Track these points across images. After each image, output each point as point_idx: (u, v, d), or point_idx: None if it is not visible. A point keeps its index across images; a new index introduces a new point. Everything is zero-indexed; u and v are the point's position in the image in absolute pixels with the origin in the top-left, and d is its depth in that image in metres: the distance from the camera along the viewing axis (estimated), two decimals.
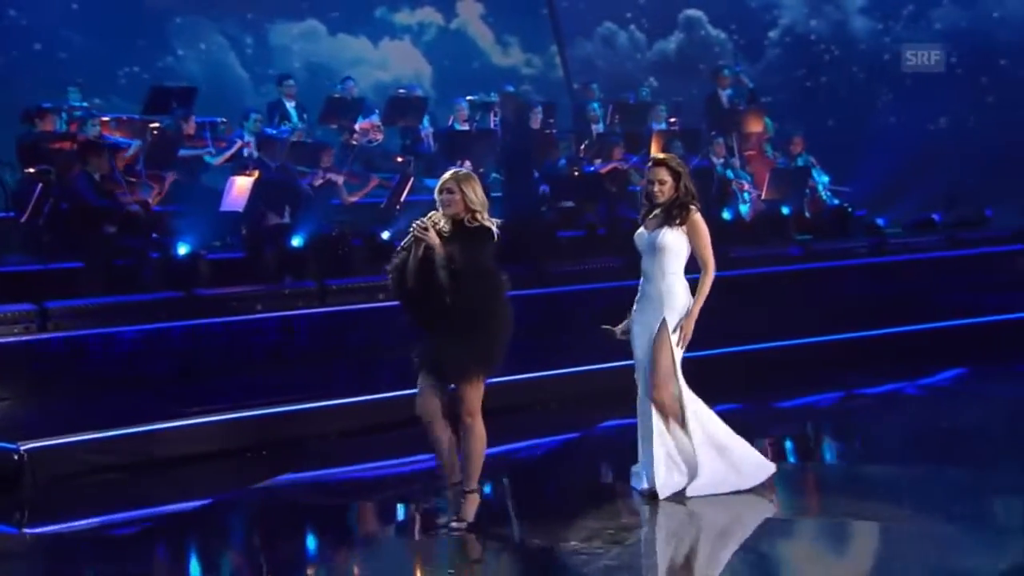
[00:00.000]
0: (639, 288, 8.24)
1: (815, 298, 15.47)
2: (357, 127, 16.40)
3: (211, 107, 16.30)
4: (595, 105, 17.20)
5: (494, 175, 15.56)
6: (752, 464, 8.43)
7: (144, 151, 14.69)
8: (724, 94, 18.11)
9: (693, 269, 8.16)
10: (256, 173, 13.96)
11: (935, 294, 16.04)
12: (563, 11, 22.11)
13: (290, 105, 16.39)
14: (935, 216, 18.64)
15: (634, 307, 8.27)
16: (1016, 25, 22.23)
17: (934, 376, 12.87)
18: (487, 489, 8.36)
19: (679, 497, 8.21)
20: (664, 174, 8.05)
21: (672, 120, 17.70)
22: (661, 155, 8.60)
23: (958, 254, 17.70)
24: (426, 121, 16.96)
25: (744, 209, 15.92)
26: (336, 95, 16.83)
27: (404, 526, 8.79)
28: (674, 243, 8.03)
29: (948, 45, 21.65)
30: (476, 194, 7.45)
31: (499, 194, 14.38)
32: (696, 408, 8.24)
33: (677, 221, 8.00)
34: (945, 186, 19.28)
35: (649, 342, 8.11)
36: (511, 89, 17.94)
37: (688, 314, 8.04)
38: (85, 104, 15.64)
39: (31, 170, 13.91)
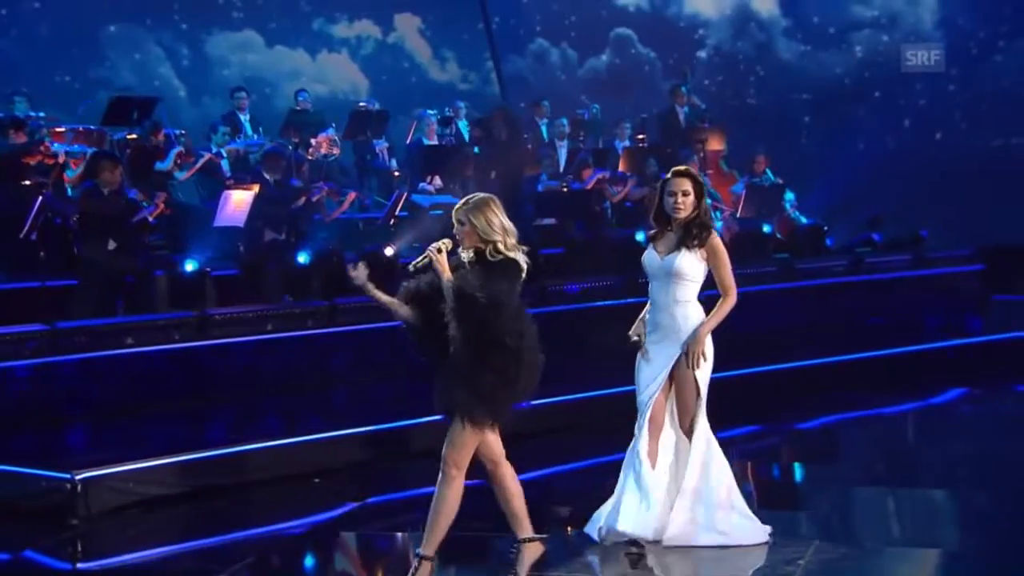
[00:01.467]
0: (648, 316, 7.55)
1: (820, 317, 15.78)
2: (313, 141, 16.12)
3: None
4: (563, 121, 17.12)
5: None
6: (743, 529, 7.69)
7: (124, 165, 14.12)
8: (681, 111, 18.22)
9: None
10: (256, 187, 13.83)
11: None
12: (497, 28, 22.07)
13: (244, 117, 16.38)
14: (875, 236, 18.81)
15: (646, 336, 7.50)
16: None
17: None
18: None
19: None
20: (688, 185, 7.33)
21: (640, 137, 17.81)
22: (682, 167, 7.76)
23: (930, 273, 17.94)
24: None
25: (719, 227, 15.88)
26: (297, 108, 16.72)
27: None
28: (691, 269, 7.33)
29: (868, 68, 22.29)
30: (491, 222, 6.75)
31: None
32: (710, 455, 7.62)
33: (696, 243, 7.29)
34: (876, 208, 19.37)
35: (661, 377, 7.42)
36: (502, 105, 17.97)
37: (696, 336, 7.37)
38: (32, 114, 14.98)
39: (27, 182, 13.51)
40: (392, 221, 14.71)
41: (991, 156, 21.61)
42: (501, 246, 6.70)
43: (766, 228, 16.40)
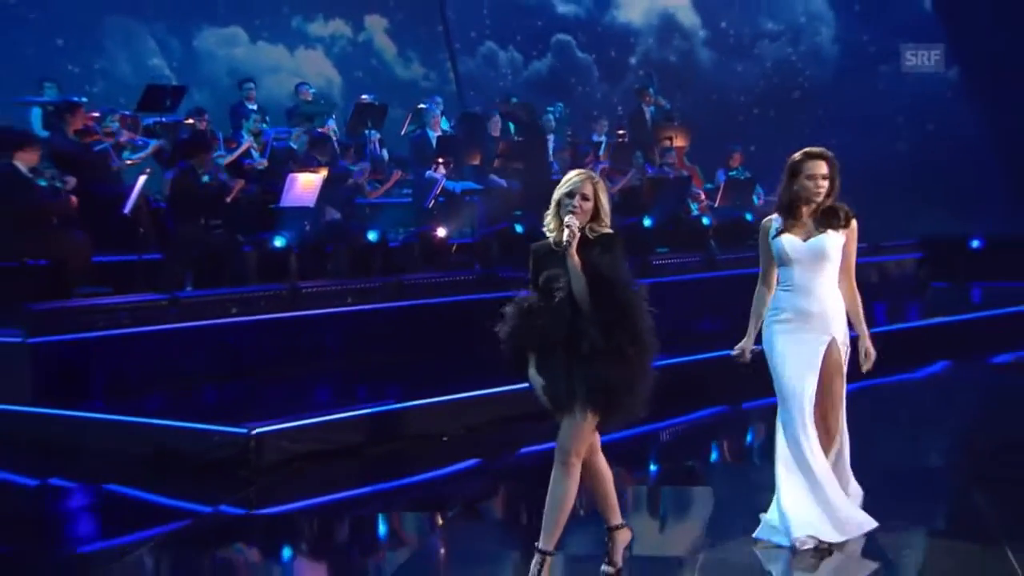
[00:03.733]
0: (782, 303, 7.03)
1: None
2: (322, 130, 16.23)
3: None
4: (551, 116, 17.62)
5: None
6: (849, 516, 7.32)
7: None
8: (648, 110, 18.66)
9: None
10: (324, 171, 13.99)
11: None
12: (453, 29, 22.41)
13: (252, 107, 16.30)
14: None
15: (778, 326, 7.05)
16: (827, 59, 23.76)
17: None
18: None
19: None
20: (826, 168, 6.86)
21: (621, 132, 18.10)
22: (817, 149, 7.09)
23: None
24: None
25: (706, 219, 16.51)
26: (302, 98, 17.04)
27: None
28: (837, 250, 6.94)
29: (784, 78, 23.11)
30: (606, 202, 6.28)
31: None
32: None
33: (843, 224, 6.90)
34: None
35: (815, 365, 6.98)
36: (515, 99, 18.43)
37: (861, 333, 7.03)
38: (76, 99, 14.87)
39: (129, 162, 13.72)
40: (431, 204, 14.90)
41: (900, 158, 22.19)
42: (603, 225, 6.27)
43: (748, 216, 16.48)
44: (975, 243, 20.83)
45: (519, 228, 14.68)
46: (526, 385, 6.33)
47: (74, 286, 11.76)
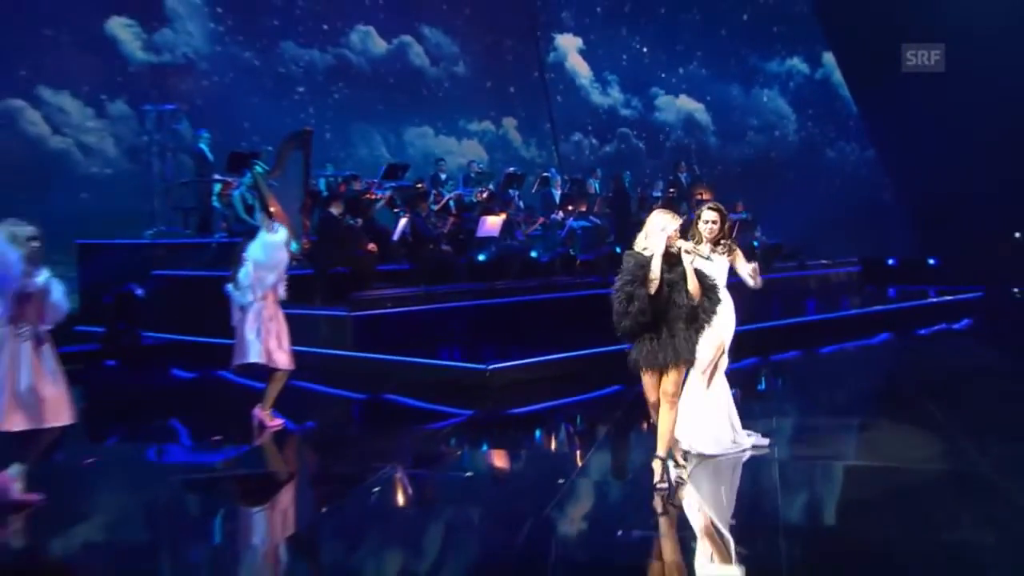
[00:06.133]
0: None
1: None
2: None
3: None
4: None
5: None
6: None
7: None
8: (682, 176, 18.32)
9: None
10: (505, 214, 14.16)
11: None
12: (556, 125, 21.95)
13: (443, 176, 16.17)
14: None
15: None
16: (791, 143, 23.92)
17: None
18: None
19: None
20: (716, 216, 6.73)
21: (671, 190, 17.44)
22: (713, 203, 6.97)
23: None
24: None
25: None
26: (475, 171, 16.54)
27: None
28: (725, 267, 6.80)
29: (764, 154, 23.13)
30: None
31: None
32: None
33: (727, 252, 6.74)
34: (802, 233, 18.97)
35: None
36: (599, 170, 18.57)
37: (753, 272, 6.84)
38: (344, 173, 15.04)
39: (396, 210, 13.97)
40: (566, 234, 15.14)
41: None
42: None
43: (755, 244, 16.64)
44: (891, 261, 21.13)
45: (617, 249, 14.06)
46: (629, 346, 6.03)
47: (368, 284, 12.05)
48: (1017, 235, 21.33)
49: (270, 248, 8.11)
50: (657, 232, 5.95)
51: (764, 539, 5.45)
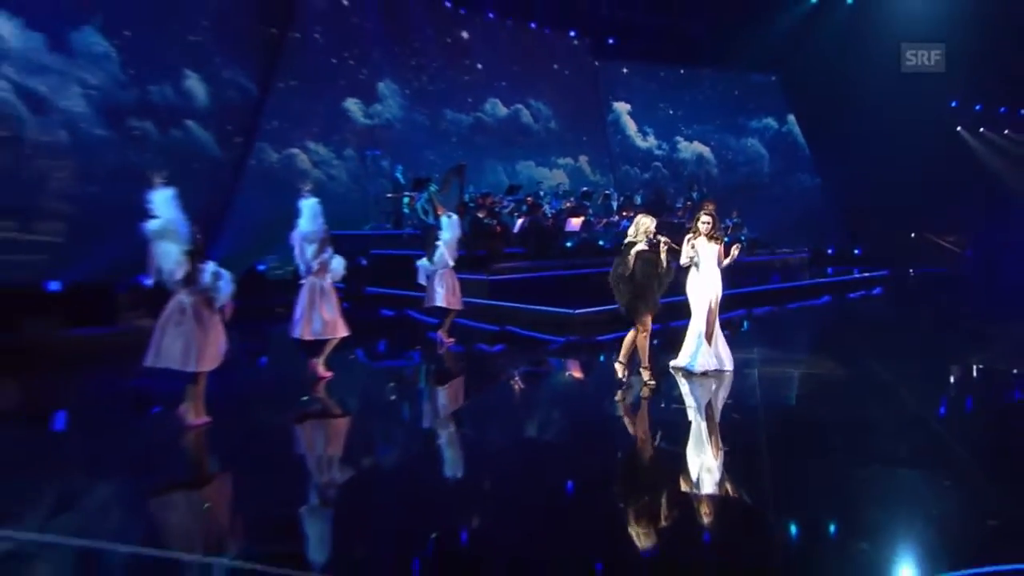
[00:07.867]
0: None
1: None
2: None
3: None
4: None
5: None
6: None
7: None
8: (694, 194, 17.08)
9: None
10: (583, 216, 13.92)
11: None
12: (613, 159, 20.74)
13: (542, 193, 15.37)
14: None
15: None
16: (765, 174, 22.76)
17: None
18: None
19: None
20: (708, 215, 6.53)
21: (689, 203, 16.36)
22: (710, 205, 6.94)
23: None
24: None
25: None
26: (560, 191, 15.94)
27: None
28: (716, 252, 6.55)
29: (747, 181, 22.08)
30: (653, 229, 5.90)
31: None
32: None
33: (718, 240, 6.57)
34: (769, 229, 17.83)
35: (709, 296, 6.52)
36: (641, 190, 17.68)
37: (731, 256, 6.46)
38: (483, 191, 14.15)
39: (517, 214, 13.63)
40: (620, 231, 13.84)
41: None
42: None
43: (742, 237, 15.66)
44: (830, 250, 20.43)
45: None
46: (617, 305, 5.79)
47: (498, 260, 11.86)
48: (912, 235, 20.99)
49: (453, 229, 8.53)
50: (641, 231, 5.96)
51: (746, 412, 5.81)
